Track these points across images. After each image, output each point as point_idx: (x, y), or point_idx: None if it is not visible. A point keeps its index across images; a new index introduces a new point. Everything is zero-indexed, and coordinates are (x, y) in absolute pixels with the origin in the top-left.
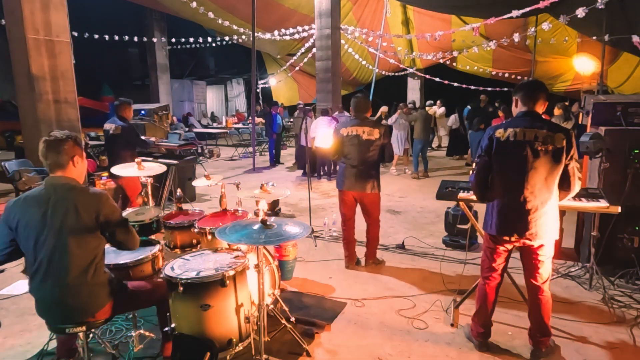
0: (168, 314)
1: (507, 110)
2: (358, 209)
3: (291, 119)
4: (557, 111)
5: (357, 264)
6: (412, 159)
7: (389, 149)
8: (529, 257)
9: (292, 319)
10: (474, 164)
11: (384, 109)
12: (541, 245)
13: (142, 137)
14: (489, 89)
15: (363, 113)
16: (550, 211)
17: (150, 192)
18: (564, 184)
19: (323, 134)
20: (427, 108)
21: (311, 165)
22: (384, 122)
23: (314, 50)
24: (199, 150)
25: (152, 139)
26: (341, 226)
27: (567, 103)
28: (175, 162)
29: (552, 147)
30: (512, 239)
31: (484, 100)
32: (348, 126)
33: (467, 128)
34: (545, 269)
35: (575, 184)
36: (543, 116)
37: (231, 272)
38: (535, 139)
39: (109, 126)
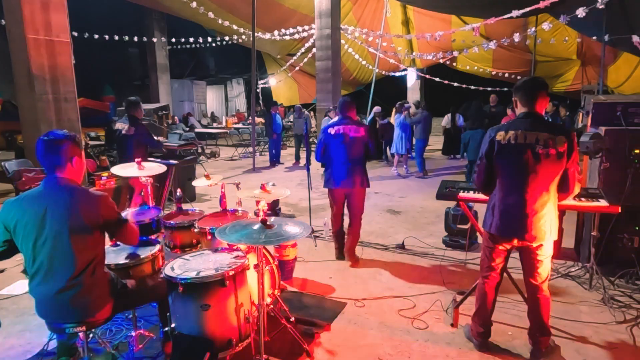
0: (168, 314)
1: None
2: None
3: (291, 119)
4: None
5: (342, 257)
6: (416, 159)
7: (370, 148)
8: (528, 257)
9: (292, 319)
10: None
11: (377, 109)
12: (540, 245)
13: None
14: (489, 88)
15: (348, 113)
16: (550, 213)
17: (150, 192)
18: (563, 187)
19: None
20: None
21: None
22: (380, 121)
23: (314, 50)
24: (199, 150)
25: (160, 139)
26: (331, 220)
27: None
28: (175, 162)
29: (553, 150)
30: (513, 241)
31: (494, 100)
32: (335, 125)
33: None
34: (544, 268)
35: (575, 187)
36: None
37: (231, 272)
38: (536, 142)
39: (121, 126)
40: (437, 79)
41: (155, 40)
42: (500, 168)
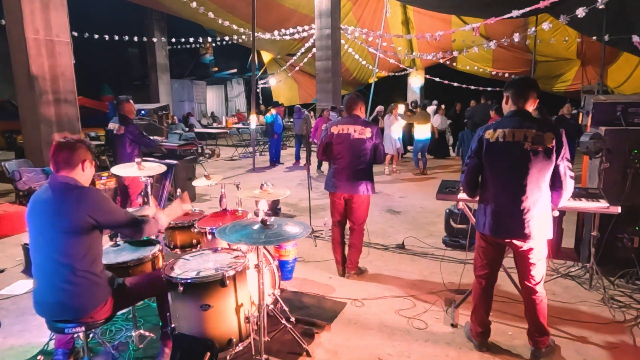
0: (168, 314)
1: (499, 110)
2: None
3: (291, 119)
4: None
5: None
6: (416, 157)
7: (380, 150)
8: (521, 260)
9: (292, 319)
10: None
11: (379, 108)
12: (531, 249)
13: (148, 136)
14: (489, 88)
15: (354, 111)
16: (543, 211)
17: (150, 192)
18: (556, 184)
19: None
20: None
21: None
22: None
23: (314, 50)
24: (199, 150)
25: (158, 138)
26: (332, 228)
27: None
28: (175, 162)
29: (541, 147)
30: (506, 241)
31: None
32: (339, 124)
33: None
34: (538, 270)
35: (567, 183)
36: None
37: (231, 272)
38: (524, 139)
39: (112, 126)
40: (437, 79)
41: (155, 40)
42: (490, 167)
